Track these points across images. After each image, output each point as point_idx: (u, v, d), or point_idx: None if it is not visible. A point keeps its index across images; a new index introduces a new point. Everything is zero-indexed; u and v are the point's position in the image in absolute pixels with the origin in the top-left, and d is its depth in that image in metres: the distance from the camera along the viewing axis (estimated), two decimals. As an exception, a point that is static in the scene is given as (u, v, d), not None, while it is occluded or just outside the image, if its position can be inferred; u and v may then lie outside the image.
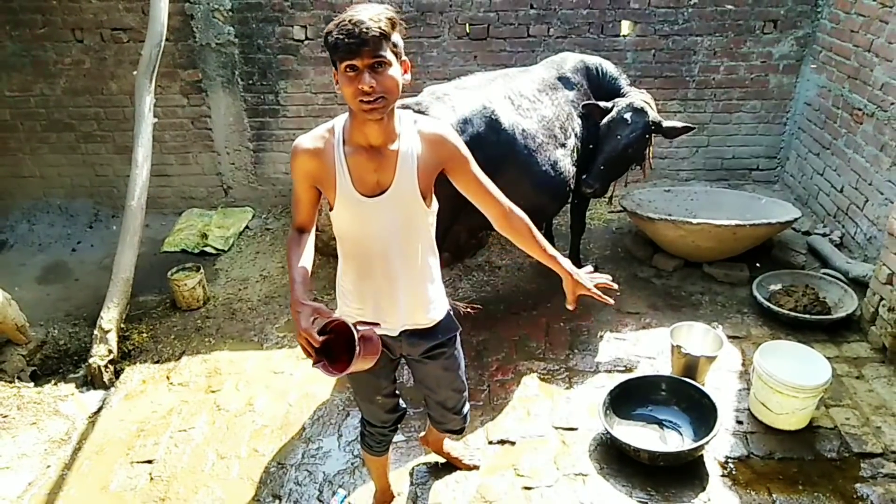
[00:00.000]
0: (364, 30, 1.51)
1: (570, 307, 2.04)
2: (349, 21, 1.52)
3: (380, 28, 1.53)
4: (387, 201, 1.75)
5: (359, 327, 1.63)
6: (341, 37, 1.52)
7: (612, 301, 2.15)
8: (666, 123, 3.55)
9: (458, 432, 2.44)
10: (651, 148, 3.69)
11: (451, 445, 2.76)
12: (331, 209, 1.80)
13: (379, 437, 2.27)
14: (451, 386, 2.20)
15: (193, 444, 2.97)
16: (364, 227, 1.79)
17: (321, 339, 1.59)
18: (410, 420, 3.02)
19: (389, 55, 1.58)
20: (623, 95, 3.62)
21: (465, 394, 2.30)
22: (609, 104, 3.53)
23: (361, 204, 1.74)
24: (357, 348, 1.58)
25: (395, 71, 1.60)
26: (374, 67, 1.55)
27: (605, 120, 3.51)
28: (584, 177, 3.57)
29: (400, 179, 1.74)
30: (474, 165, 1.89)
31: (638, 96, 3.57)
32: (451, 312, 2.09)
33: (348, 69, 1.55)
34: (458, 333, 2.12)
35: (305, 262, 1.78)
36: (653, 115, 3.53)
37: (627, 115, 3.46)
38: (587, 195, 3.64)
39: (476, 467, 2.75)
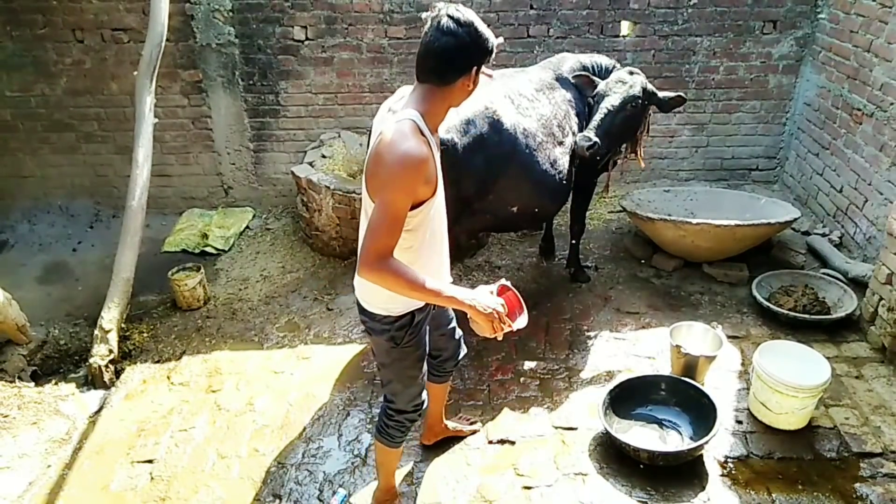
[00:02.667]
0: None
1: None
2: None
3: None
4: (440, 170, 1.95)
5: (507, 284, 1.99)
6: (495, 44, 1.79)
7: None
8: (660, 94, 3.49)
9: (464, 356, 2.57)
10: (648, 125, 3.65)
11: (452, 424, 2.87)
12: (414, 207, 1.81)
13: (407, 423, 2.31)
14: (452, 312, 2.39)
15: (194, 443, 2.97)
16: (441, 200, 1.97)
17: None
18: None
19: None
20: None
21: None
22: (600, 81, 3.48)
23: (441, 180, 1.94)
24: (521, 301, 1.96)
25: None
26: None
27: (600, 85, 3.41)
28: (579, 135, 3.33)
29: (437, 151, 1.93)
30: None
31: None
32: None
33: (487, 65, 1.80)
34: None
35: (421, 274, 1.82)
36: (647, 83, 3.47)
37: (623, 75, 3.40)
38: (585, 154, 3.29)
39: (477, 430, 2.91)
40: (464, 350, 2.55)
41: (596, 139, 3.25)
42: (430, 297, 1.82)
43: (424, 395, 2.31)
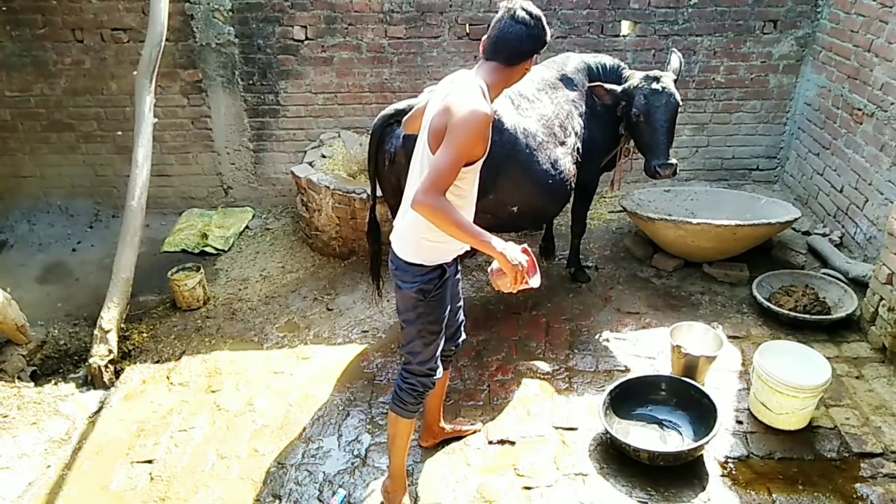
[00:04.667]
0: None
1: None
2: None
3: None
4: None
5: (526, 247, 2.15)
6: None
7: None
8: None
9: (464, 340, 2.66)
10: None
11: (449, 426, 2.89)
12: (468, 164, 2.02)
13: (420, 388, 2.39)
14: (460, 288, 2.55)
15: (193, 444, 2.97)
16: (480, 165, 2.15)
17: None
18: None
19: None
20: (628, 80, 3.53)
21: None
22: (617, 87, 3.44)
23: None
24: (537, 266, 2.16)
25: None
26: None
27: (639, 103, 3.35)
28: (654, 162, 3.37)
29: None
30: None
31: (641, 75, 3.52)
32: None
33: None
34: None
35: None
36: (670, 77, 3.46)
37: (658, 86, 3.34)
38: (668, 176, 3.40)
39: (478, 430, 2.94)
40: (463, 335, 2.63)
41: (675, 163, 3.39)
42: (469, 238, 1.98)
43: (439, 363, 2.41)
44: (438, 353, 2.39)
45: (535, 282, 2.14)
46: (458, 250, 2.30)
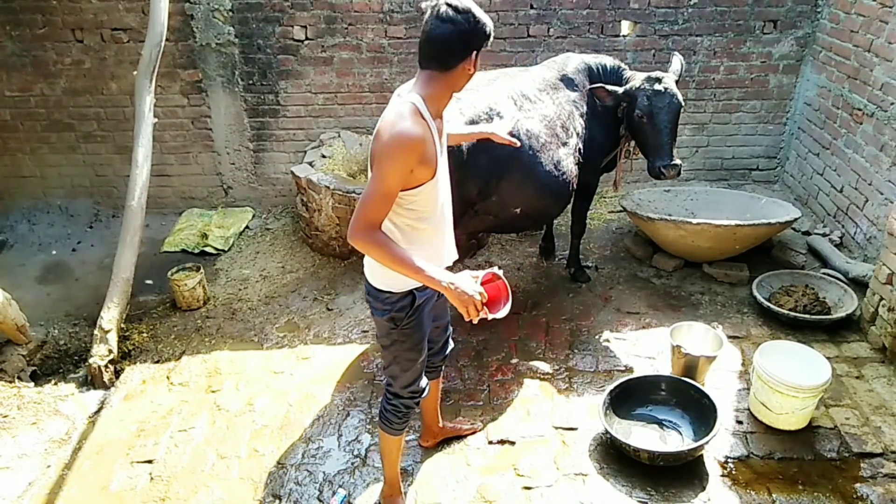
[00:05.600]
0: None
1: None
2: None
3: None
4: (444, 154, 2.03)
5: (495, 272, 2.01)
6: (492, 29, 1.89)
7: None
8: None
9: (451, 351, 2.62)
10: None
11: (449, 424, 2.90)
12: (413, 188, 1.91)
13: (403, 409, 2.35)
14: (448, 306, 2.43)
15: (193, 444, 2.97)
16: (444, 183, 2.04)
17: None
18: (410, 420, 3.01)
19: None
20: (629, 80, 3.53)
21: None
22: (619, 89, 3.43)
23: (445, 163, 2.02)
24: (508, 291, 1.97)
25: None
26: None
27: (642, 104, 3.34)
28: (658, 163, 3.38)
29: (445, 133, 2.06)
30: None
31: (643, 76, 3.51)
32: None
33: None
34: None
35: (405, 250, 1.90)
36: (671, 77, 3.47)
37: (660, 87, 3.34)
38: (670, 178, 3.43)
39: (477, 430, 2.92)
40: (450, 345, 2.60)
41: (679, 163, 3.39)
42: (411, 273, 1.88)
43: (424, 383, 2.37)
44: (420, 375, 2.34)
45: (500, 313, 1.95)
46: (445, 265, 2.21)
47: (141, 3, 4.57)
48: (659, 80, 3.36)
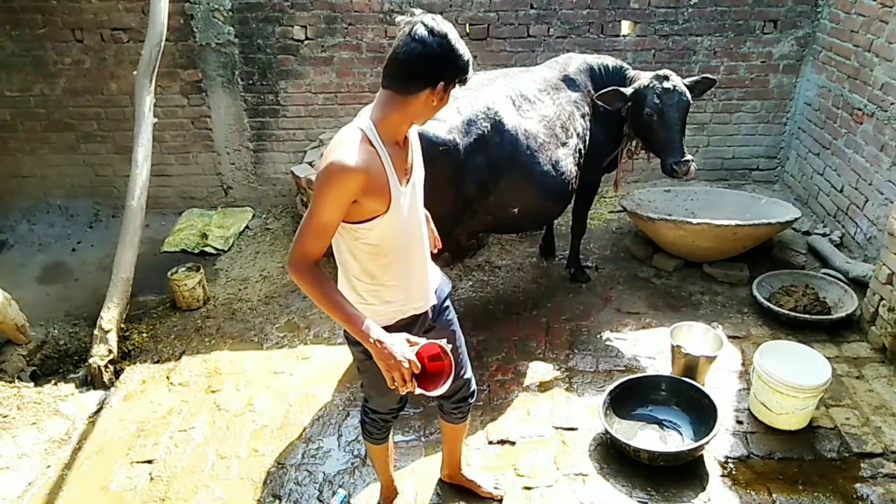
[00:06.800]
0: None
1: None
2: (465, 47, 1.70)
3: None
4: (413, 185, 1.87)
5: (444, 345, 1.78)
6: (470, 64, 1.71)
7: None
8: (689, 81, 3.50)
9: (468, 399, 2.33)
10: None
11: (472, 474, 2.66)
12: (364, 221, 1.76)
13: (381, 423, 2.30)
14: (458, 343, 2.21)
15: (193, 444, 2.97)
16: (407, 216, 1.85)
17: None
18: (411, 420, 3.02)
19: None
20: (633, 80, 3.54)
21: (466, 355, 2.29)
22: (628, 90, 3.43)
23: (403, 195, 1.81)
24: (451, 370, 1.75)
25: None
26: None
27: (651, 102, 3.35)
28: (670, 161, 3.40)
29: (416, 161, 1.89)
30: None
31: (650, 75, 3.51)
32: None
33: (459, 83, 1.72)
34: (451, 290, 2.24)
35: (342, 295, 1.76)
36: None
37: (669, 84, 3.36)
38: (683, 175, 3.44)
39: (500, 499, 2.60)
40: (468, 392, 2.32)
41: (690, 157, 3.43)
42: (339, 321, 1.74)
43: (396, 405, 2.27)
44: (396, 399, 2.22)
45: (435, 391, 1.73)
46: (399, 311, 1.97)
47: (141, 3, 4.56)
48: (667, 78, 3.38)
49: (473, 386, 2.34)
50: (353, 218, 1.74)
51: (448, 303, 2.19)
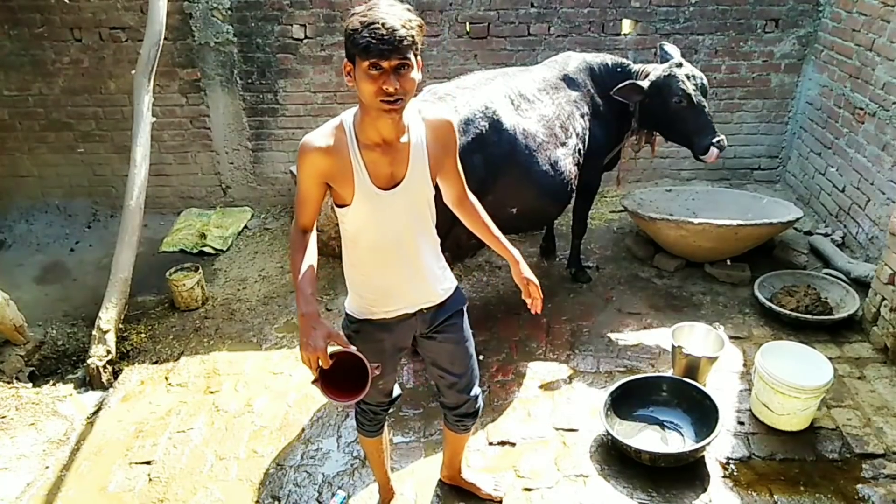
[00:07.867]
0: (398, 37, 1.53)
1: (531, 307, 2.23)
2: (382, 25, 1.52)
3: (412, 35, 1.57)
4: (402, 192, 1.81)
5: (371, 365, 1.70)
6: (373, 41, 1.52)
7: (537, 310, 2.26)
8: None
9: (472, 416, 2.30)
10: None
11: (472, 476, 2.64)
12: (339, 206, 1.84)
13: (371, 415, 2.28)
14: (463, 361, 2.16)
15: (192, 445, 2.95)
16: (382, 219, 1.83)
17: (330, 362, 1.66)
18: (410, 421, 3.01)
19: (413, 59, 1.61)
20: (641, 74, 3.53)
21: (476, 373, 2.24)
22: (644, 83, 3.41)
23: (379, 198, 1.79)
24: (367, 387, 1.68)
25: (416, 73, 1.63)
26: (397, 69, 1.58)
27: (678, 89, 3.39)
28: (706, 141, 3.47)
29: (413, 170, 1.80)
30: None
31: (663, 66, 3.51)
32: (458, 287, 2.16)
33: (372, 68, 1.56)
34: (465, 307, 2.17)
35: (312, 264, 1.82)
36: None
37: (688, 69, 3.46)
38: (721, 151, 3.53)
39: (500, 500, 2.58)
40: (472, 409, 2.28)
41: (723, 135, 3.52)
42: (294, 282, 1.80)
43: (395, 393, 2.26)
44: (386, 395, 2.21)
45: (341, 402, 1.73)
46: (368, 311, 1.98)
47: (139, 2, 4.55)
48: (681, 65, 3.45)
49: (480, 403, 2.30)
50: (335, 200, 1.83)
51: (456, 319, 2.10)
